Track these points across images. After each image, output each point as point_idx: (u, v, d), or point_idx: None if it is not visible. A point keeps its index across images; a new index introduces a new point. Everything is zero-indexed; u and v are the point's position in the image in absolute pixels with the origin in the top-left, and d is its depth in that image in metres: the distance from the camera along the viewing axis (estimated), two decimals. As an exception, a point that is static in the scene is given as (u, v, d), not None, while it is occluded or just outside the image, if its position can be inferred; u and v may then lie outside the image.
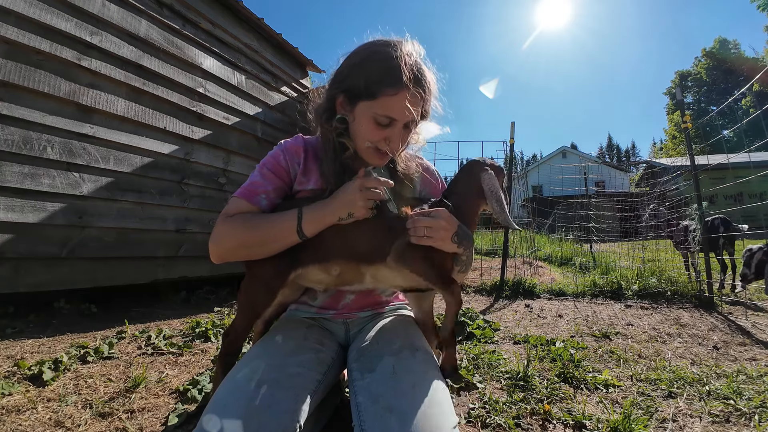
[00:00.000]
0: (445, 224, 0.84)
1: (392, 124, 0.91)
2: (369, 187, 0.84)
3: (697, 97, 36.68)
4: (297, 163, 1.01)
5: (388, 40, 0.92)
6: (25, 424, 1.09)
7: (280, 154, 1.00)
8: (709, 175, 5.94)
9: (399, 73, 0.86)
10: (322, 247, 0.89)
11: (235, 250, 0.89)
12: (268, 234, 0.87)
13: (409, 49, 0.91)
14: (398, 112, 0.89)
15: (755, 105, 24.53)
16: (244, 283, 0.92)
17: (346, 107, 0.95)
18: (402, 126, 0.92)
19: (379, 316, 1.07)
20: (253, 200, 0.93)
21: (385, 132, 0.91)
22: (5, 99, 2.08)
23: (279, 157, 1.00)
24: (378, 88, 0.88)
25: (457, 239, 0.87)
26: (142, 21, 2.80)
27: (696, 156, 3.34)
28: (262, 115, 3.84)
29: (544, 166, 24.15)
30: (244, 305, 0.92)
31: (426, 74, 0.93)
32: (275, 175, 0.98)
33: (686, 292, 3.26)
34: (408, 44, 0.92)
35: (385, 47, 0.90)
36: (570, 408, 1.27)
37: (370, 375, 0.78)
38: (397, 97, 0.87)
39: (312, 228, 0.86)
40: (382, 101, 0.88)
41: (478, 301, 3.49)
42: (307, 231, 0.86)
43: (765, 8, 23.85)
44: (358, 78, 0.90)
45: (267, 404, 0.68)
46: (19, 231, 2.12)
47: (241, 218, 0.89)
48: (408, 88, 0.87)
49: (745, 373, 1.58)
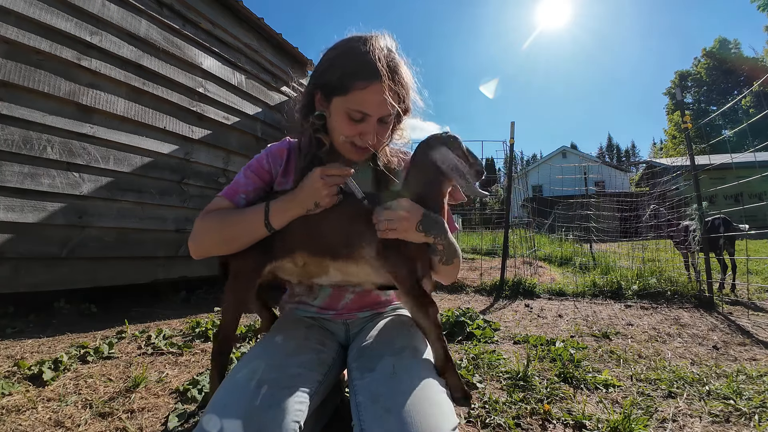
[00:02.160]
0: (405, 213, 0.82)
1: (365, 119, 0.90)
2: (330, 175, 0.85)
3: (697, 97, 36.68)
4: (279, 165, 1.03)
5: (361, 36, 0.91)
6: (25, 423, 1.09)
7: (264, 156, 1.03)
8: (709, 175, 5.94)
9: (369, 66, 0.85)
10: (288, 238, 0.91)
11: (210, 245, 0.92)
12: (239, 228, 0.89)
13: (381, 43, 0.90)
14: (370, 107, 0.88)
15: (755, 105, 24.41)
16: (227, 282, 0.95)
17: (323, 103, 0.96)
18: (377, 120, 0.91)
19: (379, 316, 1.07)
20: (233, 199, 0.97)
21: (359, 127, 0.91)
22: (5, 99, 2.08)
23: (263, 159, 1.03)
24: (349, 82, 0.87)
25: (422, 227, 0.84)
26: (142, 21, 2.80)
27: (696, 156, 3.34)
28: (261, 114, 3.84)
29: (544, 166, 24.16)
30: (228, 301, 0.95)
31: (400, 67, 0.92)
32: (257, 176, 1.00)
33: (686, 292, 3.26)
34: (381, 39, 0.92)
35: (357, 42, 0.89)
36: (570, 408, 1.27)
37: (370, 375, 0.78)
38: (368, 91, 0.86)
39: (279, 220, 0.88)
40: (353, 96, 0.88)
41: (478, 301, 3.48)
42: (274, 223, 0.88)
43: (765, 8, 23.84)
44: (332, 73, 0.90)
45: (267, 405, 0.68)
46: (19, 231, 2.12)
47: (215, 214, 0.92)
48: (379, 81, 0.85)
49: (745, 373, 1.58)
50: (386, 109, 0.88)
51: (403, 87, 0.92)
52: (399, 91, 0.91)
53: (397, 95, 0.91)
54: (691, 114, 28.31)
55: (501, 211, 8.54)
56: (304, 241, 0.90)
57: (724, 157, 8.71)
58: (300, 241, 0.90)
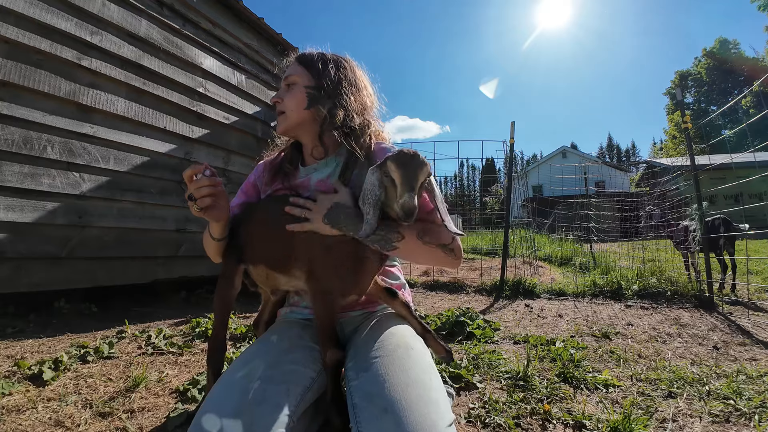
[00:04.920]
0: (312, 204, 0.87)
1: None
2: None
3: (697, 97, 36.64)
4: (259, 177, 1.13)
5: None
6: (25, 423, 1.09)
7: (252, 174, 1.16)
8: (709, 175, 5.94)
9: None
10: (250, 252, 0.98)
11: (209, 254, 1.06)
12: (205, 241, 1.03)
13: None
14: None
15: (755, 105, 24.41)
16: (217, 285, 1.02)
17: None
18: (284, 84, 1.03)
19: (372, 314, 1.07)
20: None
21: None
22: (5, 99, 2.08)
23: (250, 176, 1.16)
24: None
25: (327, 220, 0.84)
26: (142, 21, 2.80)
27: (696, 156, 3.34)
28: (262, 114, 3.84)
29: (544, 166, 24.16)
30: (217, 301, 1.00)
31: (317, 54, 1.04)
32: (243, 192, 1.13)
33: (686, 292, 3.26)
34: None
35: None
36: (570, 408, 1.27)
37: (365, 374, 0.78)
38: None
39: (211, 227, 0.97)
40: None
41: (478, 300, 3.49)
42: (212, 231, 0.97)
43: (765, 8, 23.83)
44: None
45: (260, 399, 0.69)
46: (19, 231, 2.12)
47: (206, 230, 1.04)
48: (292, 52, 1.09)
49: (745, 373, 1.58)
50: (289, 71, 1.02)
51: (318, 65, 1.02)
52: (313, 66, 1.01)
53: (310, 69, 1.01)
54: (691, 114, 28.34)
55: (501, 211, 8.54)
56: (261, 254, 0.97)
57: (724, 157, 8.70)
58: (259, 254, 0.97)
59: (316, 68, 1.01)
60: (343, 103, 1.00)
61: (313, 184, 1.02)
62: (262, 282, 1.01)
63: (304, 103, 1.00)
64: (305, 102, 1.00)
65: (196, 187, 0.86)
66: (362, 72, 1.10)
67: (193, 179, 0.87)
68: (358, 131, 1.00)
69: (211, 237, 0.98)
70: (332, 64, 1.03)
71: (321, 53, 1.06)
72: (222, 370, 0.98)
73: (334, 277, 0.86)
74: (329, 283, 0.86)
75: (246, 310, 2.80)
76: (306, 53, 1.06)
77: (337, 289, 0.87)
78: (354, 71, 1.06)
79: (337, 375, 0.85)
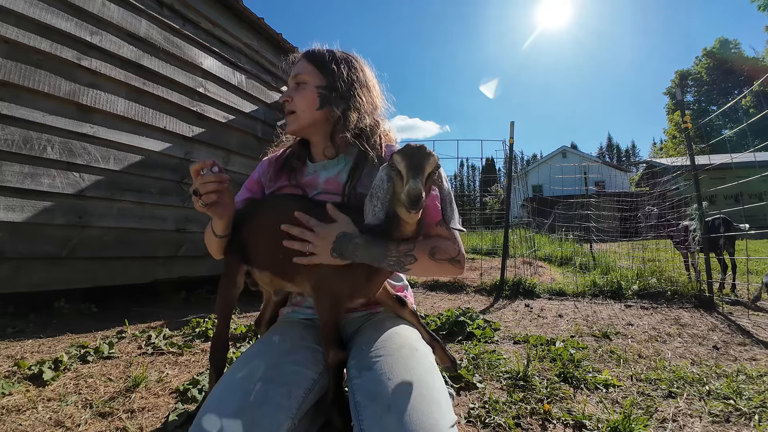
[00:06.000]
0: (313, 236, 0.83)
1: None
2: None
3: (697, 97, 36.63)
4: (264, 174, 1.13)
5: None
6: (26, 423, 1.09)
7: (256, 170, 1.15)
8: (709, 175, 5.94)
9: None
10: (257, 256, 0.97)
11: (211, 251, 1.05)
12: (207, 238, 1.02)
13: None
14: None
15: (755, 105, 24.36)
16: (219, 284, 1.01)
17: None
18: (293, 82, 1.02)
19: (374, 315, 1.07)
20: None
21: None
22: (5, 99, 2.08)
23: (254, 173, 1.15)
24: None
25: (336, 254, 0.81)
26: (142, 21, 2.80)
27: (696, 156, 3.34)
28: (262, 114, 3.84)
29: (544, 166, 24.14)
30: (219, 300, 1.00)
31: (327, 53, 1.02)
32: (247, 188, 1.13)
33: (686, 292, 3.26)
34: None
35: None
36: (570, 408, 1.27)
37: (368, 373, 0.78)
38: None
39: (214, 224, 0.95)
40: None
41: (478, 300, 3.49)
42: (214, 228, 0.96)
43: (765, 8, 23.82)
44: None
45: (261, 400, 0.69)
46: (19, 231, 2.12)
47: (207, 227, 1.04)
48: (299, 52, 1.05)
49: (745, 373, 1.58)
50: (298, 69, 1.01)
51: (329, 64, 1.00)
52: (324, 66, 1.00)
53: (321, 68, 1.00)
54: (691, 114, 28.27)
55: (501, 211, 8.53)
56: (267, 261, 0.95)
57: (724, 157, 8.70)
58: (265, 260, 0.96)
59: (327, 68, 0.99)
60: (356, 104, 0.98)
61: (321, 182, 1.01)
62: (266, 284, 1.01)
63: (316, 103, 0.98)
64: (317, 102, 0.98)
65: (203, 182, 0.84)
66: (370, 70, 1.08)
67: (200, 174, 0.85)
68: (368, 131, 0.99)
69: (213, 234, 0.96)
70: (344, 64, 1.01)
71: (330, 51, 1.03)
72: (225, 369, 0.98)
73: (343, 281, 0.86)
74: (337, 286, 0.86)
75: (246, 309, 2.80)
76: (315, 50, 1.03)
77: (345, 291, 0.87)
78: (364, 71, 1.05)
79: (339, 375, 0.84)
